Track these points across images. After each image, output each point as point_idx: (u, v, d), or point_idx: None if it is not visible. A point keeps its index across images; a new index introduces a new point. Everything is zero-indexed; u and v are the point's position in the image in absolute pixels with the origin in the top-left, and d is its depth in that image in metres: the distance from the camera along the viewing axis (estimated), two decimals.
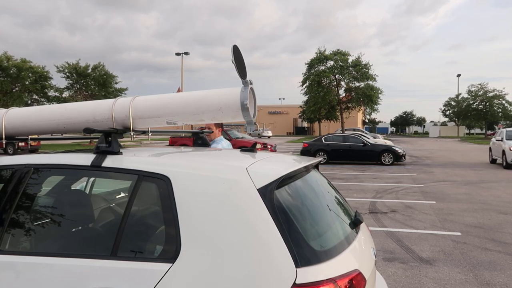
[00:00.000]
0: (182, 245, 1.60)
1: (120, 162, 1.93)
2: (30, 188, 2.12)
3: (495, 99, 49.81)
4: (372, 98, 39.94)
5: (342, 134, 19.77)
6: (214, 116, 2.33)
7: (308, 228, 1.72)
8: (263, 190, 1.62)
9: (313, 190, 2.14)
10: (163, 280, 1.56)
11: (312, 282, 1.45)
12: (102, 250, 1.82)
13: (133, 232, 1.79)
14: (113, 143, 2.02)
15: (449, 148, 29.87)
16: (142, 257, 1.75)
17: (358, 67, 40.17)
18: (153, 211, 1.94)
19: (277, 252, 1.50)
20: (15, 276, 1.83)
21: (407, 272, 4.28)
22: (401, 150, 16.91)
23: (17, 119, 2.60)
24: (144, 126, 2.45)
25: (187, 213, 1.65)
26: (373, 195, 9.20)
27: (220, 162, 2.05)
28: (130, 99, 2.40)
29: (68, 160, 2.09)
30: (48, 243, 2.07)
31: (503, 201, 8.33)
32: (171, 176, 1.74)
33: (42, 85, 31.94)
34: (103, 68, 33.01)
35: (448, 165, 16.62)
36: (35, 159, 2.14)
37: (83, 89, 32.98)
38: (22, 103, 30.89)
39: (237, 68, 2.27)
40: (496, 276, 4.19)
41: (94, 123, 2.41)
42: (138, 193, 1.82)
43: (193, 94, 2.39)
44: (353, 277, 1.60)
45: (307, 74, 43.04)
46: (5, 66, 29.51)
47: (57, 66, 32.28)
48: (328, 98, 42.24)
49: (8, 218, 2.01)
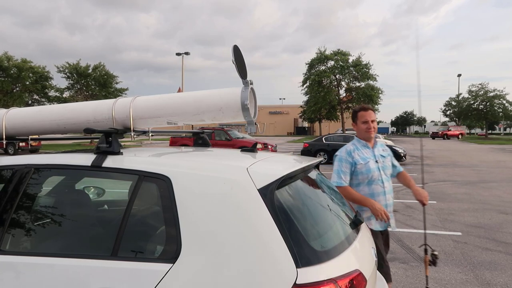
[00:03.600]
0: (182, 246, 1.60)
1: (121, 162, 1.93)
2: (31, 188, 2.12)
3: (496, 99, 49.77)
4: (373, 98, 39.94)
5: (343, 134, 19.75)
6: (214, 116, 2.33)
7: (308, 228, 1.72)
8: (263, 190, 1.62)
9: (314, 190, 2.14)
10: (163, 280, 1.56)
11: (312, 283, 1.45)
12: (102, 250, 1.82)
13: (133, 232, 1.79)
14: (114, 143, 2.02)
15: (450, 148, 29.85)
16: (143, 257, 1.75)
17: (359, 67, 40.17)
18: (153, 211, 1.94)
19: (277, 252, 1.50)
20: (16, 276, 1.83)
21: (408, 272, 4.28)
22: (402, 150, 16.90)
23: (17, 119, 2.60)
24: (144, 126, 2.45)
25: (187, 213, 1.65)
26: None
27: (221, 162, 2.05)
28: (131, 99, 2.40)
29: (68, 160, 2.09)
30: (48, 244, 2.07)
31: (504, 201, 8.31)
32: (172, 176, 1.74)
33: (43, 85, 31.94)
34: (103, 68, 33.01)
35: (448, 165, 16.61)
36: (35, 159, 2.14)
37: (83, 89, 32.98)
38: (23, 103, 30.92)
39: (238, 68, 2.27)
40: (497, 276, 4.19)
41: (95, 123, 2.42)
42: (138, 193, 1.82)
43: (194, 94, 2.39)
44: (354, 277, 1.60)
45: (307, 74, 43.07)
46: (5, 66, 29.52)
47: (57, 66, 32.30)
48: (328, 98, 42.26)
49: (8, 218, 2.01)
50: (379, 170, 2.90)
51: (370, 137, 2.96)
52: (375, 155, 2.95)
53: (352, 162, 2.87)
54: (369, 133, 2.94)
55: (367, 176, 2.87)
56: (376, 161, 2.92)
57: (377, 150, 2.99)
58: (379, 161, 2.94)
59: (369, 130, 2.93)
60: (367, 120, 2.93)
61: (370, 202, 2.75)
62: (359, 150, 2.94)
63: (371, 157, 2.92)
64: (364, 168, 2.86)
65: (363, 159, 2.90)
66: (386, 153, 3.04)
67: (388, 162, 3.01)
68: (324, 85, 42.30)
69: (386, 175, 2.95)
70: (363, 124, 2.95)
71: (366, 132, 2.94)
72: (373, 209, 2.71)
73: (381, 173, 2.91)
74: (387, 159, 3.01)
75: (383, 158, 2.98)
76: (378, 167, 2.91)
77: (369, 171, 2.87)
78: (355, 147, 2.95)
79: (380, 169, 2.91)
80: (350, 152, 2.90)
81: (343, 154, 2.91)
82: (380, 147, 3.03)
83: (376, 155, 2.95)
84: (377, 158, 2.94)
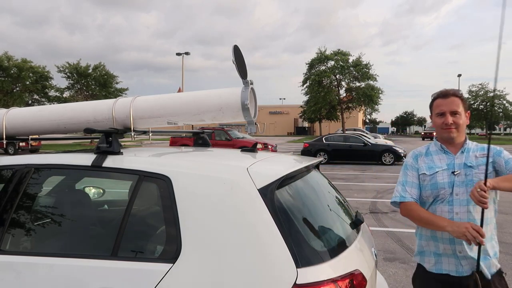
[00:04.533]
0: (182, 245, 1.60)
1: (121, 162, 1.93)
2: (31, 188, 2.12)
3: (496, 99, 49.80)
4: (373, 98, 39.94)
5: (343, 134, 19.76)
6: (214, 116, 2.34)
7: (308, 228, 1.72)
8: (263, 190, 1.62)
9: (314, 190, 2.14)
10: (163, 280, 1.56)
11: (313, 283, 1.45)
12: (102, 250, 1.82)
13: (133, 232, 1.79)
14: (114, 143, 2.02)
15: None
16: (143, 257, 1.75)
17: (359, 67, 40.16)
18: (153, 211, 1.94)
19: (277, 253, 1.50)
20: (16, 276, 1.83)
21: (408, 272, 4.27)
22: (402, 150, 16.89)
23: (17, 119, 2.60)
24: (144, 126, 2.45)
25: (187, 213, 1.65)
26: (373, 195, 9.19)
27: (221, 162, 2.05)
28: (131, 99, 2.40)
29: (68, 160, 2.09)
30: (48, 243, 2.07)
31: (504, 201, 8.31)
32: (172, 176, 1.74)
33: (43, 85, 31.96)
34: (103, 68, 33.02)
35: None
36: (35, 159, 2.14)
37: (83, 89, 32.98)
38: (23, 103, 30.92)
39: (238, 68, 2.27)
40: None
41: (95, 123, 2.42)
42: (138, 193, 1.82)
43: (194, 94, 2.39)
44: (354, 277, 1.60)
45: (307, 74, 43.07)
46: (5, 66, 29.54)
47: (57, 66, 32.31)
48: (328, 98, 42.25)
49: (8, 218, 2.01)
50: (452, 187, 1.93)
51: (450, 137, 1.99)
52: (455, 164, 1.97)
53: (417, 170, 2.06)
54: (448, 132, 1.98)
55: (431, 194, 1.97)
56: (453, 172, 1.95)
57: (464, 157, 1.98)
58: (459, 173, 1.95)
59: (447, 127, 1.97)
60: (443, 112, 1.98)
61: (447, 222, 1.86)
62: (430, 155, 2.06)
63: (445, 167, 1.98)
64: (429, 181, 1.99)
65: (429, 168, 2.01)
66: (479, 161, 1.95)
67: (478, 176, 1.90)
68: (324, 85, 42.29)
69: (464, 196, 1.92)
70: (439, 118, 2.01)
71: (442, 130, 2.00)
72: (454, 229, 1.80)
73: (454, 191, 1.93)
74: (478, 171, 1.93)
75: (469, 169, 1.94)
76: (452, 182, 1.94)
77: (435, 187, 1.96)
78: (426, 150, 2.10)
79: (454, 184, 1.93)
80: (416, 157, 2.09)
81: (409, 160, 2.11)
82: (473, 153, 2.00)
83: (457, 164, 1.97)
84: (456, 168, 1.96)
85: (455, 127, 1.96)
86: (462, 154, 1.99)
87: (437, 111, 2.00)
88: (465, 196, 1.90)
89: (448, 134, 1.98)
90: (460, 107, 1.96)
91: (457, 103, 1.96)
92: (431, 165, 2.02)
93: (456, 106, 1.96)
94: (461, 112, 1.97)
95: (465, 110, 2.01)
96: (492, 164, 1.94)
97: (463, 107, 1.98)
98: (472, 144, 2.03)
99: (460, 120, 1.96)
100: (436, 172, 1.98)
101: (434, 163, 2.02)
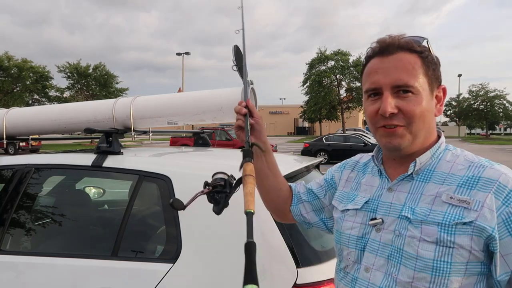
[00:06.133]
0: (182, 245, 1.60)
1: (121, 162, 1.93)
2: (31, 188, 2.12)
3: (496, 99, 49.78)
4: None
5: (343, 134, 19.76)
6: (215, 116, 2.34)
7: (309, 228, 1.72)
8: None
9: None
10: (163, 280, 1.56)
11: (313, 283, 1.45)
12: (102, 250, 1.82)
13: (133, 232, 1.79)
14: (114, 143, 2.02)
15: None
16: (143, 257, 1.75)
17: (359, 67, 40.15)
18: (153, 211, 1.94)
19: (278, 252, 1.50)
20: (16, 276, 1.83)
21: None
22: None
23: (18, 119, 2.60)
24: (145, 126, 2.45)
25: (187, 214, 1.65)
26: None
27: (221, 162, 2.05)
28: (131, 99, 2.40)
29: (69, 160, 2.09)
30: (48, 243, 2.08)
31: None
32: (172, 176, 1.74)
33: (43, 85, 31.97)
34: (104, 68, 33.03)
35: None
36: (36, 159, 2.14)
37: (84, 89, 33.00)
38: (23, 103, 30.92)
39: (238, 68, 2.26)
40: None
41: (95, 123, 2.42)
42: (139, 193, 1.82)
43: (194, 94, 2.39)
44: None
45: (308, 74, 43.08)
46: (6, 66, 29.56)
47: (58, 66, 32.31)
48: (329, 98, 42.26)
49: (9, 218, 2.01)
50: (362, 249, 0.98)
51: (392, 145, 0.94)
52: (380, 202, 0.98)
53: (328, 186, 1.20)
54: (386, 134, 0.94)
55: (336, 250, 1.09)
56: (372, 219, 0.97)
57: (411, 189, 0.94)
58: (381, 226, 0.95)
59: (385, 122, 0.93)
60: (378, 88, 0.94)
61: None
62: (365, 172, 1.10)
63: (362, 203, 1.02)
64: (335, 225, 1.11)
65: (343, 197, 1.10)
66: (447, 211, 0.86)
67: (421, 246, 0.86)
68: (324, 85, 42.31)
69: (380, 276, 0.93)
70: (370, 102, 0.97)
71: (376, 129, 0.97)
72: None
73: (363, 260, 0.97)
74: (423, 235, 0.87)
75: (408, 225, 0.90)
76: (365, 240, 0.98)
77: (337, 239, 1.07)
78: (368, 160, 1.13)
79: (366, 246, 0.97)
80: (343, 168, 1.18)
81: (333, 168, 1.23)
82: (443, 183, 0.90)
83: (383, 205, 0.97)
84: (379, 213, 0.97)
85: (404, 124, 0.92)
86: (407, 182, 0.96)
87: (368, 85, 0.97)
88: (383, 279, 0.92)
89: (388, 138, 0.94)
90: (417, 75, 0.91)
91: (409, 66, 0.91)
92: (349, 194, 1.09)
93: (407, 73, 0.91)
94: (418, 88, 0.91)
95: (431, 80, 0.94)
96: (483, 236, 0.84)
97: (424, 75, 0.93)
98: (448, 154, 0.96)
99: (416, 105, 0.91)
100: (347, 210, 1.06)
101: (358, 190, 1.07)
